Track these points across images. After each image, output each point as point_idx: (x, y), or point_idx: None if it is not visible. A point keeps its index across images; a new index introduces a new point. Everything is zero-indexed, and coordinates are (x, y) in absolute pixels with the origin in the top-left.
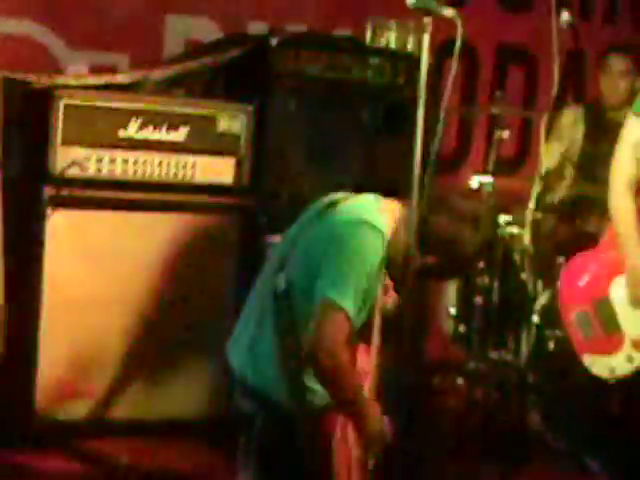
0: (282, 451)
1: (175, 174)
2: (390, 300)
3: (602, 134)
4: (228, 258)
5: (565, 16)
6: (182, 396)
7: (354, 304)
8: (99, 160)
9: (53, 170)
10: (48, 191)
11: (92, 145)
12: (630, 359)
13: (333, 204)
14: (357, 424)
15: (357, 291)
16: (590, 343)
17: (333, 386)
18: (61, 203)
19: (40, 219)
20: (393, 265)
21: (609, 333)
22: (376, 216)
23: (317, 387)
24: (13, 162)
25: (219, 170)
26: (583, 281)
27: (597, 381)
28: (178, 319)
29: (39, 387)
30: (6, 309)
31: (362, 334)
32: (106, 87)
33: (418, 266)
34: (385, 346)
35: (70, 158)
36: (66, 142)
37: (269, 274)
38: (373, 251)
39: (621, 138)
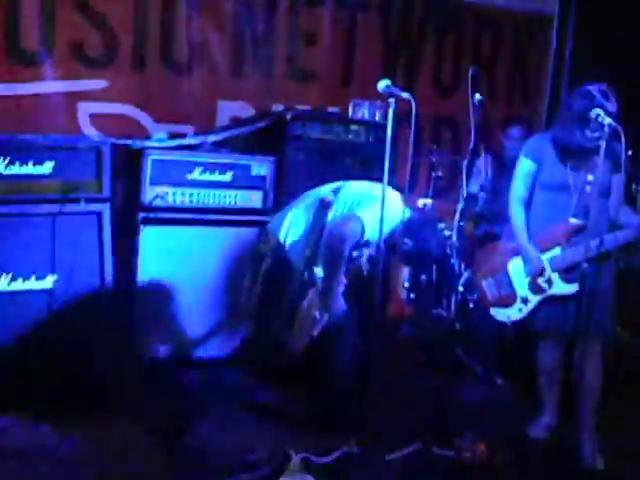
0: None
1: (224, 202)
2: None
3: (504, 173)
4: None
5: (477, 97)
6: None
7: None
8: (174, 194)
9: (144, 201)
10: (141, 215)
11: (170, 184)
12: (520, 310)
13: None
14: None
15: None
16: (495, 301)
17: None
18: (149, 222)
19: (136, 233)
20: None
21: (507, 294)
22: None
23: None
24: (119, 197)
25: (252, 199)
26: (490, 261)
27: (500, 325)
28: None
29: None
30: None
31: None
32: (178, 147)
33: None
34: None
35: (155, 193)
36: (152, 183)
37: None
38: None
39: (516, 171)
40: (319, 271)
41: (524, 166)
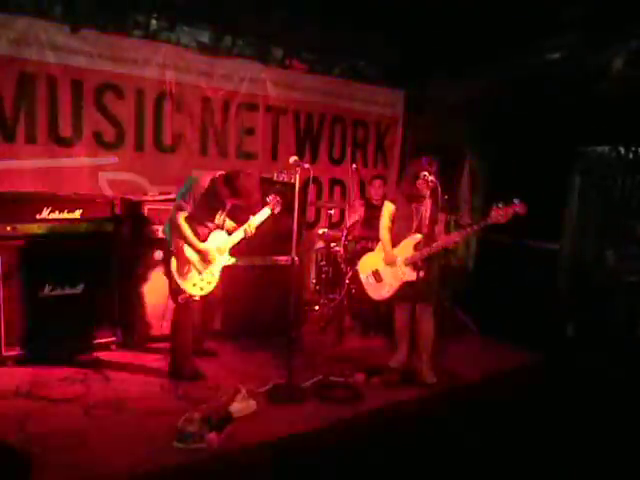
0: None
1: None
2: None
3: (371, 210)
4: None
5: (353, 166)
6: None
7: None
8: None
9: (147, 235)
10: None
11: (160, 224)
12: (388, 291)
13: None
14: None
15: None
16: (370, 289)
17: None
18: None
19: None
20: None
21: (380, 282)
22: None
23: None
24: (127, 232)
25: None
26: (367, 264)
27: (374, 301)
28: None
29: None
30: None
31: None
32: (166, 200)
33: None
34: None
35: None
36: (149, 222)
37: None
38: None
39: (383, 210)
40: None
41: (388, 207)
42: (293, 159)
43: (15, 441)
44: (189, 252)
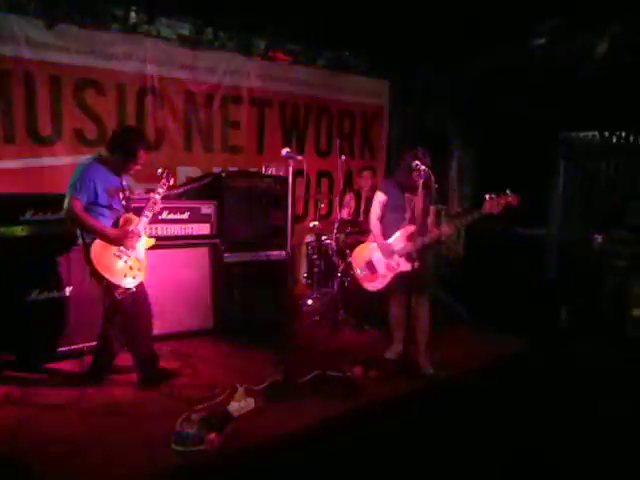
0: None
1: (185, 231)
2: None
3: (361, 203)
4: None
5: (342, 157)
6: None
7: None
8: (153, 229)
9: None
10: None
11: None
12: (381, 282)
13: None
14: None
15: None
16: (364, 279)
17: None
18: None
19: None
20: None
21: (374, 273)
22: None
23: None
24: None
25: (203, 228)
26: (360, 256)
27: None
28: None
29: None
30: None
31: None
32: None
33: None
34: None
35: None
36: None
37: None
38: None
39: (374, 200)
40: None
41: (379, 197)
42: (285, 151)
43: (7, 450)
44: (104, 243)
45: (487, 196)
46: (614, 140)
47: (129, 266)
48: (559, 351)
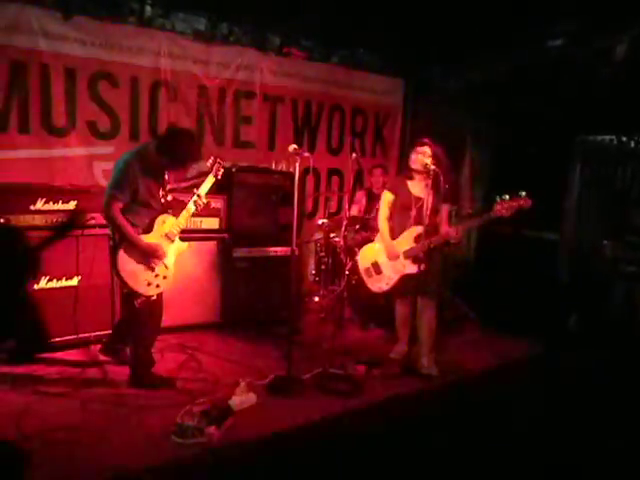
0: None
1: (190, 225)
2: None
3: (373, 200)
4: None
5: (353, 155)
6: None
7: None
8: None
9: None
10: None
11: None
12: (387, 284)
13: None
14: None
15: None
16: (370, 281)
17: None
18: None
19: None
20: None
21: (380, 274)
22: None
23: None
24: None
25: (212, 222)
26: (366, 255)
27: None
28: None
29: None
30: None
31: None
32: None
33: None
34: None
35: None
36: None
37: None
38: None
39: (382, 200)
40: None
41: (387, 196)
42: (292, 148)
43: (10, 436)
44: (133, 249)
45: (498, 199)
46: (632, 145)
47: (155, 274)
48: (566, 355)
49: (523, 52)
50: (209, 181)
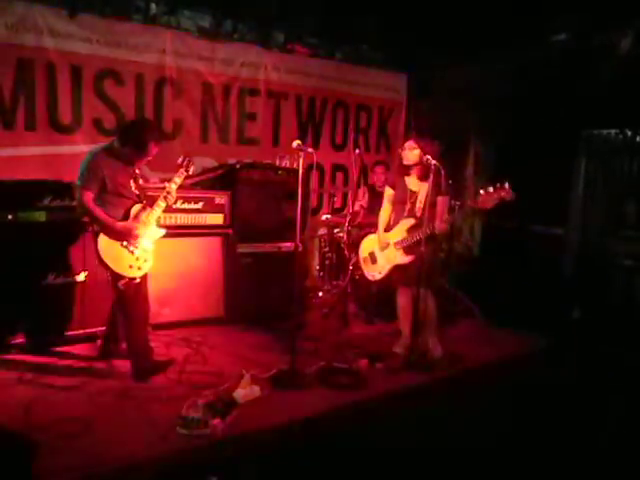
0: None
1: (199, 221)
2: None
3: (375, 197)
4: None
5: (357, 151)
6: None
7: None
8: (168, 218)
9: None
10: None
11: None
12: (380, 272)
13: None
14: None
15: None
16: (367, 270)
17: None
18: None
19: None
20: None
21: (375, 263)
22: None
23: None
24: None
25: (216, 218)
26: (366, 246)
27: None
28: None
29: None
30: None
31: None
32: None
33: None
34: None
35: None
36: None
37: None
38: None
39: (384, 195)
40: None
41: (388, 191)
42: (296, 143)
43: (19, 427)
44: (110, 234)
45: (481, 190)
46: (637, 139)
47: (135, 257)
48: (569, 349)
49: (526, 47)
50: (179, 176)
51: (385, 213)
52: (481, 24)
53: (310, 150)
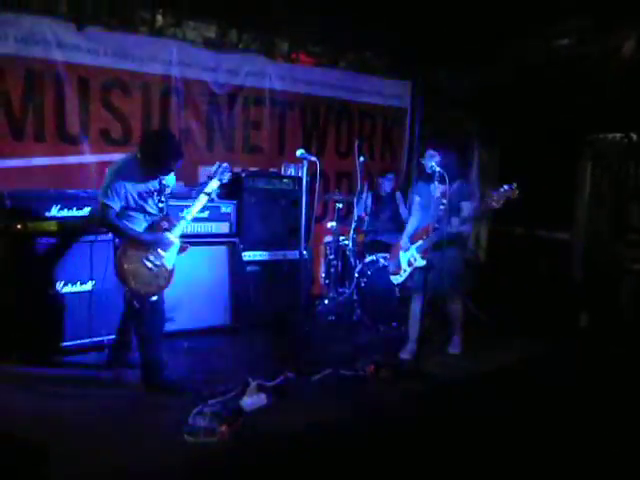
0: None
1: (205, 230)
2: None
3: (380, 203)
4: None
5: (362, 158)
6: None
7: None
8: None
9: None
10: None
11: None
12: (402, 276)
13: None
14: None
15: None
16: (392, 272)
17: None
18: None
19: None
20: None
21: (398, 267)
22: None
23: None
24: None
25: (222, 228)
26: (394, 251)
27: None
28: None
29: None
30: None
31: None
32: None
33: None
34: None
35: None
36: None
37: None
38: None
39: (413, 202)
40: None
41: (415, 199)
42: (300, 152)
43: (26, 434)
44: (134, 249)
45: (490, 192)
46: None
47: (155, 274)
48: (576, 354)
49: (529, 52)
50: (211, 187)
51: (414, 219)
52: (484, 30)
53: (313, 158)
